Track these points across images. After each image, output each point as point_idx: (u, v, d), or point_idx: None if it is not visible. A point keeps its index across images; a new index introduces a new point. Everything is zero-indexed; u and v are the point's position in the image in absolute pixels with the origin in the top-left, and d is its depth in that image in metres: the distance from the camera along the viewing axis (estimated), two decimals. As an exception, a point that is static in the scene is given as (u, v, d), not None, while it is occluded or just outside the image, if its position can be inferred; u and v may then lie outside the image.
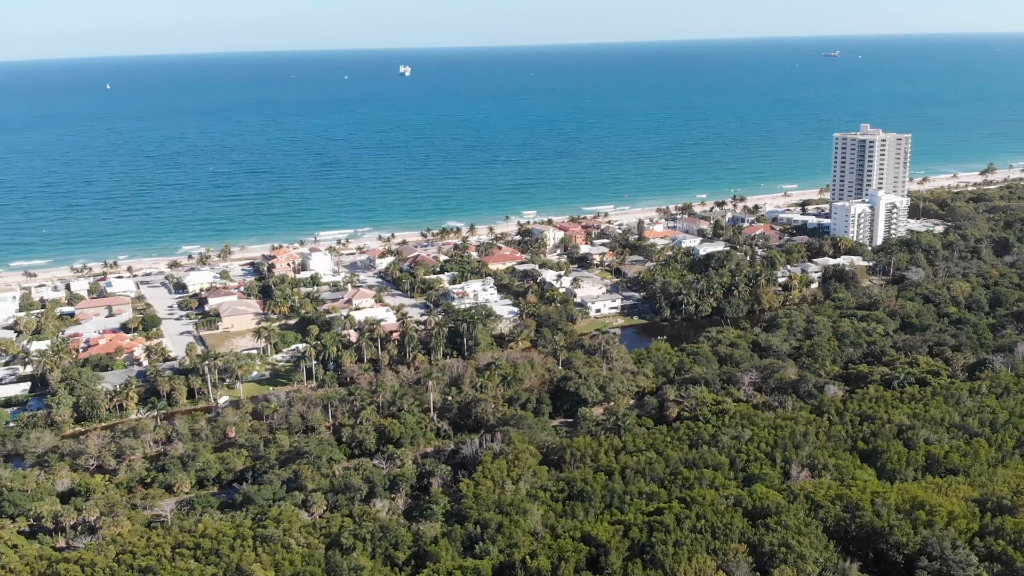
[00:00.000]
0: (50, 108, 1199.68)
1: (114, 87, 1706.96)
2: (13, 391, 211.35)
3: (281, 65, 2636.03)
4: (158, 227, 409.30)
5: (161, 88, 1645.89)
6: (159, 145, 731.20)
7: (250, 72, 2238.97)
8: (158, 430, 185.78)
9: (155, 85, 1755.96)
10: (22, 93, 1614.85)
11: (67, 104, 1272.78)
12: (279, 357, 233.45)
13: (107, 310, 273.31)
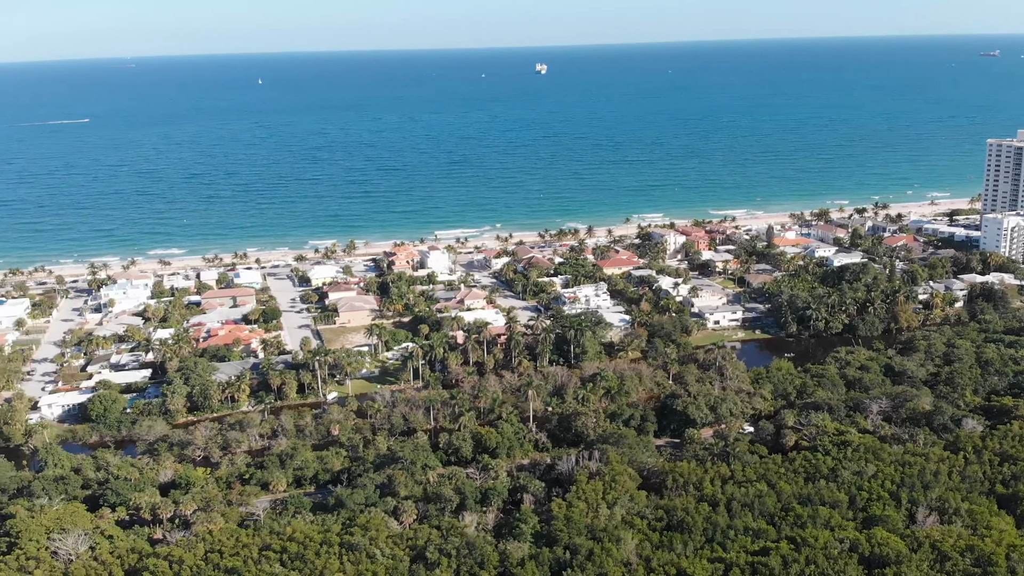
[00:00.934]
0: (208, 101, 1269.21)
1: (265, 82, 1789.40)
2: (134, 377, 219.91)
3: (423, 63, 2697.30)
4: (290, 220, 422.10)
5: (308, 84, 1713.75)
6: (301, 140, 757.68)
7: (393, 70, 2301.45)
8: (264, 424, 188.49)
9: (302, 81, 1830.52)
10: (186, 86, 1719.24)
11: (222, 98, 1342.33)
12: (389, 355, 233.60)
13: (232, 301, 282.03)
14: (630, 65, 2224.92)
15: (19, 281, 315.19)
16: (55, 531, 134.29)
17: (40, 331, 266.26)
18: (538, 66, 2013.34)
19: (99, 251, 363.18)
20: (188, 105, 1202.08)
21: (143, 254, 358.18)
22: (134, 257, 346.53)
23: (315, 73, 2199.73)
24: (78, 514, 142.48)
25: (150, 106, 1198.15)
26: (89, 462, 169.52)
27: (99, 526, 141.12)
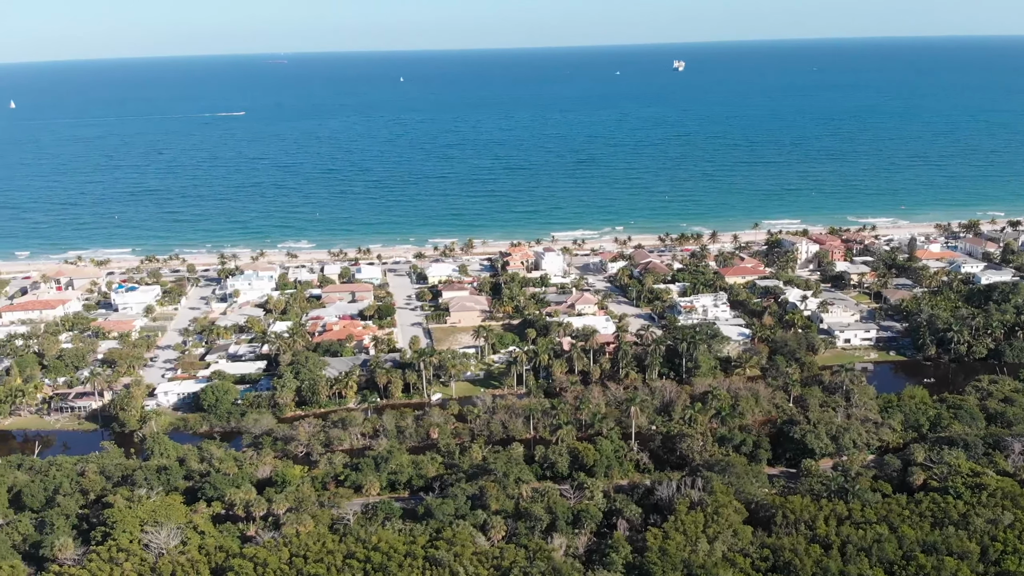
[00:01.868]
0: (351, 97, 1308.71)
1: (406, 80, 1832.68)
2: (249, 369, 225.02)
3: (558, 61, 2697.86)
4: (415, 217, 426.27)
5: (446, 81, 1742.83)
6: (434, 137, 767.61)
7: (530, 68, 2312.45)
8: (367, 423, 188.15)
9: (441, 79, 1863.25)
10: (333, 82, 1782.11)
11: (365, 94, 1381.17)
12: (496, 358, 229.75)
13: (350, 296, 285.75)
14: (773, 62, 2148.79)
15: (154, 268, 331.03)
16: (149, 523, 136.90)
17: (168, 318, 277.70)
18: (675, 63, 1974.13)
19: (232, 241, 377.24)
20: (332, 101, 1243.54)
21: (273, 246, 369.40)
22: (264, 249, 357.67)
23: (454, 71, 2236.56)
24: (174, 507, 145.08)
25: (299, 101, 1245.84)
26: (194, 453, 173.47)
27: (192, 520, 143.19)
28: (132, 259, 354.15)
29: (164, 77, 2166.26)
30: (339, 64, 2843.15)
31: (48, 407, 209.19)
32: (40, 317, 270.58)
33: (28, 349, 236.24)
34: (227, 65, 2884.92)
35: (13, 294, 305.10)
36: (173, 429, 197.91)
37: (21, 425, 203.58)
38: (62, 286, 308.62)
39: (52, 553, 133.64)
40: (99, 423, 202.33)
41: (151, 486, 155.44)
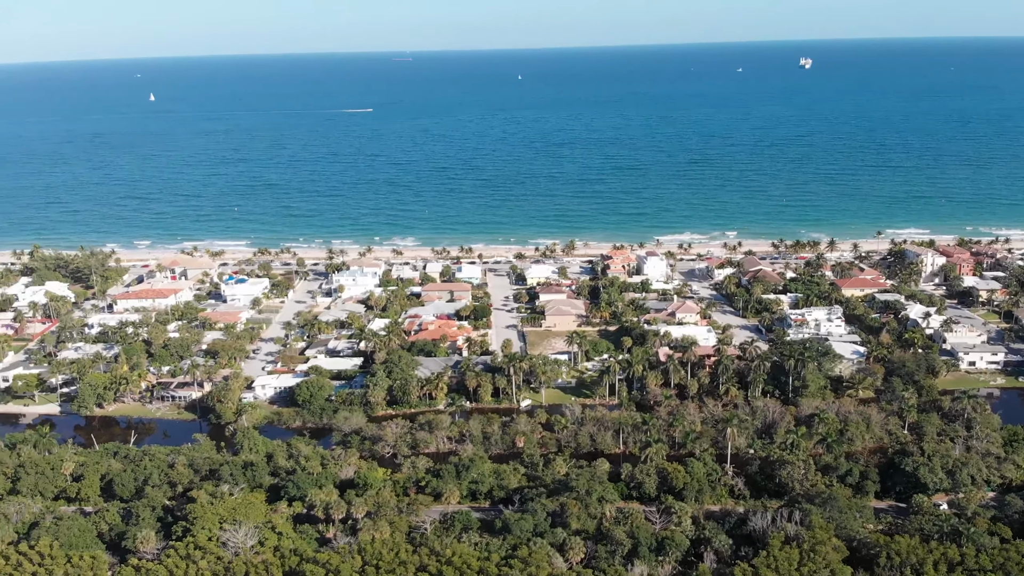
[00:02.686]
0: (470, 95, 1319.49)
1: (524, 78, 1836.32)
2: (345, 365, 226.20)
3: (679, 58, 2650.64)
4: (519, 217, 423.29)
5: (563, 79, 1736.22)
6: (546, 136, 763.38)
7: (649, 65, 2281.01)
8: (453, 427, 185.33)
9: (558, 76, 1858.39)
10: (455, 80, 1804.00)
11: (484, 92, 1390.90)
12: (589, 365, 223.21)
13: (449, 295, 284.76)
14: (908, 61, 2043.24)
15: (265, 261, 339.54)
16: (229, 522, 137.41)
17: (274, 311, 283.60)
18: (802, 60, 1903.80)
19: (342, 237, 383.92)
20: (451, 98, 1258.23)
21: (381, 243, 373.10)
22: (371, 245, 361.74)
23: (573, 68, 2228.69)
24: (254, 506, 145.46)
25: (420, 99, 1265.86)
26: (282, 449, 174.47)
27: (272, 520, 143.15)
28: (246, 251, 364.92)
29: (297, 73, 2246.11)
30: (461, 62, 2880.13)
31: (151, 395, 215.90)
32: (153, 306, 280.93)
33: (137, 337, 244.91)
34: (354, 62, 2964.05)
35: (130, 282, 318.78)
36: (267, 423, 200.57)
37: (125, 412, 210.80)
38: (177, 276, 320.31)
39: (134, 545, 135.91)
40: (197, 413, 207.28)
41: (236, 482, 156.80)
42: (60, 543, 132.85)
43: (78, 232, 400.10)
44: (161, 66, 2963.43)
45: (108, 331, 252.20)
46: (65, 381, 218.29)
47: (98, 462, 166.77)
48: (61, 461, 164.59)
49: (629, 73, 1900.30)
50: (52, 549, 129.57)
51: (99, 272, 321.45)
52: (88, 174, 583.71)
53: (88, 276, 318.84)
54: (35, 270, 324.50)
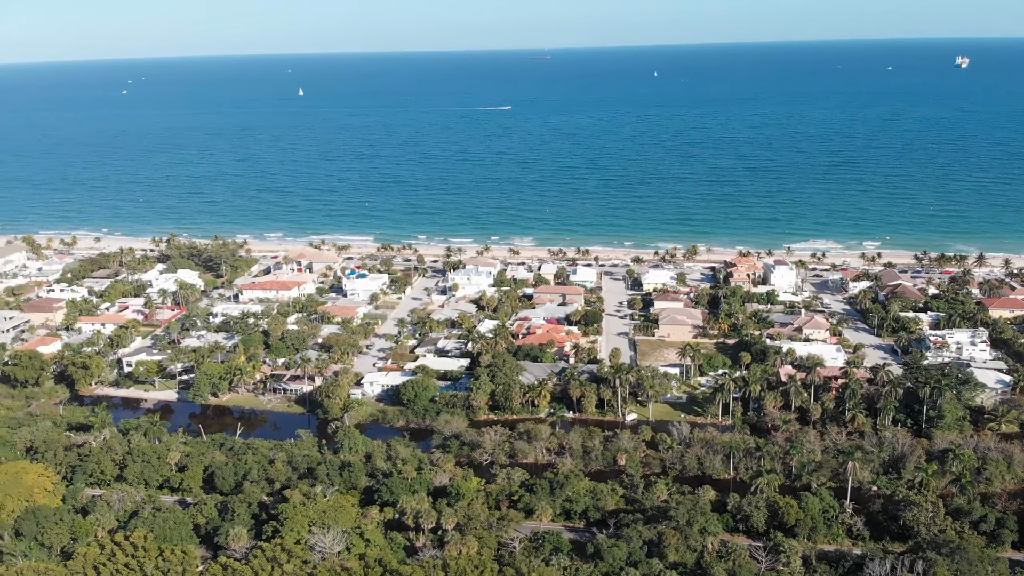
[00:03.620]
0: (604, 92, 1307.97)
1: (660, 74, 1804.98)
2: (452, 365, 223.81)
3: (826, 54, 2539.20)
4: (641, 219, 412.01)
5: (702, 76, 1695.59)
6: (676, 135, 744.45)
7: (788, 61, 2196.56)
8: (552, 439, 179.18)
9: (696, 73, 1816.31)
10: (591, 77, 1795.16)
11: (619, 89, 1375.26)
12: (702, 381, 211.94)
13: (561, 298, 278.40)
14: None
15: (387, 257, 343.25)
16: (318, 524, 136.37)
17: (391, 307, 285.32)
18: (958, 59, 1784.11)
19: (461, 235, 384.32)
20: (584, 96, 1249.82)
21: (498, 242, 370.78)
22: (489, 244, 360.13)
23: (710, 65, 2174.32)
24: (345, 509, 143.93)
25: (554, 96, 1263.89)
26: (381, 450, 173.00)
27: (361, 525, 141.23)
28: (371, 246, 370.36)
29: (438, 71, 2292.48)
30: (597, 59, 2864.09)
31: (264, 387, 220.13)
32: (276, 297, 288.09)
33: (257, 328, 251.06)
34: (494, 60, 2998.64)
35: (257, 273, 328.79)
36: (372, 421, 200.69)
37: (238, 402, 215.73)
38: (302, 268, 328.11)
39: (226, 541, 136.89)
40: (307, 407, 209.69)
41: (331, 482, 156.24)
42: (155, 535, 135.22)
43: (214, 222, 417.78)
44: (310, 62, 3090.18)
45: (230, 321, 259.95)
46: (185, 369, 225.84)
47: (203, 453, 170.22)
48: (168, 450, 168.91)
49: (769, 69, 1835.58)
50: (146, 541, 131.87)
51: (229, 262, 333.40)
52: (231, 166, 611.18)
53: (219, 265, 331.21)
54: (170, 258, 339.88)
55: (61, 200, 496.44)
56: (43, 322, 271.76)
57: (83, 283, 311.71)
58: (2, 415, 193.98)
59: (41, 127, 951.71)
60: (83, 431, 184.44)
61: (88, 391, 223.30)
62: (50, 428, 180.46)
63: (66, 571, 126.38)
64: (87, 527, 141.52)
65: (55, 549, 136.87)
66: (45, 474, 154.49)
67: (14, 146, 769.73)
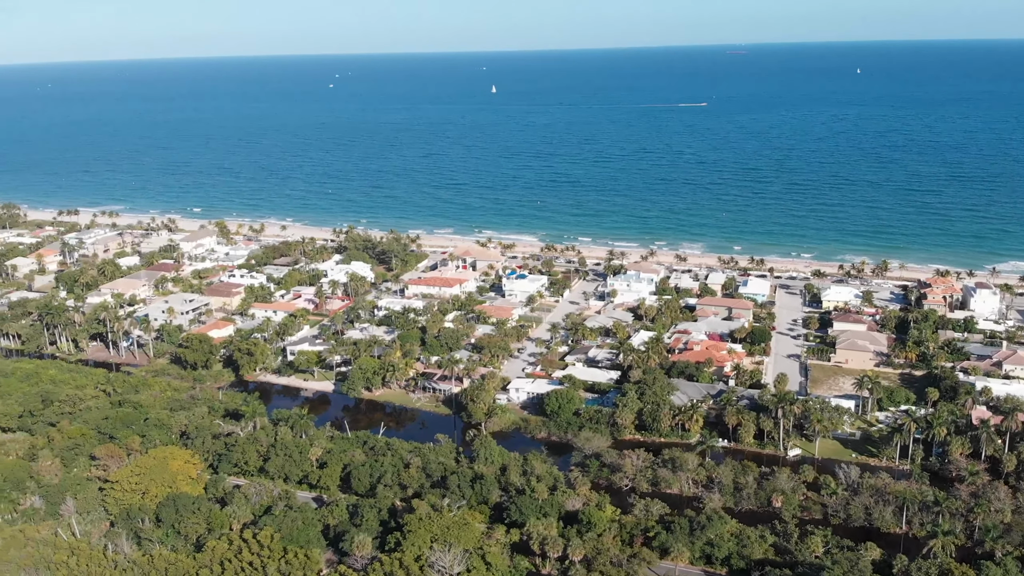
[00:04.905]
0: (798, 89, 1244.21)
1: (864, 71, 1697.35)
2: (601, 377, 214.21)
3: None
4: (826, 227, 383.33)
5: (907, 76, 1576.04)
6: (875, 137, 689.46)
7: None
8: (701, 470, 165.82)
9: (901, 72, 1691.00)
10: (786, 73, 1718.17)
11: (816, 86, 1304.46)
12: (880, 417, 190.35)
13: (726, 311, 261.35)
14: None
15: (550, 257, 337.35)
16: (440, 541, 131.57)
17: (547, 310, 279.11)
18: None
19: (627, 238, 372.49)
20: (778, 93, 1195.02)
21: (664, 247, 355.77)
22: (653, 248, 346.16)
23: (919, 62, 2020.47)
24: (470, 526, 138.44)
25: (752, 92, 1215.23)
26: (517, 464, 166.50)
27: (484, 547, 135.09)
28: (536, 246, 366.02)
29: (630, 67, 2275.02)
30: (794, 55, 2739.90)
31: (415, 384, 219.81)
32: (438, 294, 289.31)
33: (415, 324, 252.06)
34: (691, 55, 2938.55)
35: (425, 268, 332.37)
36: (514, 429, 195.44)
37: (389, 398, 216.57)
38: (467, 265, 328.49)
39: (351, 548, 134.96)
40: (453, 409, 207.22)
41: (462, 494, 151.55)
42: (282, 534, 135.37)
43: (392, 216, 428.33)
44: (504, 59, 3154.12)
45: (392, 315, 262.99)
46: (343, 361, 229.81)
47: (344, 451, 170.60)
48: (310, 445, 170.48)
49: (986, 68, 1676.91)
50: (272, 540, 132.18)
51: (400, 256, 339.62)
52: (416, 161, 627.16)
53: (390, 259, 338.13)
54: (347, 249, 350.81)
55: (255, 188, 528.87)
56: (221, 306, 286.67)
57: (263, 269, 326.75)
58: (167, 396, 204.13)
59: (249, 117, 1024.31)
60: (237, 418, 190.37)
61: (252, 377, 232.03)
62: (204, 414, 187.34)
63: (194, 563, 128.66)
64: (222, 519, 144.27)
65: (191, 539, 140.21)
66: (191, 461, 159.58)
67: (222, 135, 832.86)
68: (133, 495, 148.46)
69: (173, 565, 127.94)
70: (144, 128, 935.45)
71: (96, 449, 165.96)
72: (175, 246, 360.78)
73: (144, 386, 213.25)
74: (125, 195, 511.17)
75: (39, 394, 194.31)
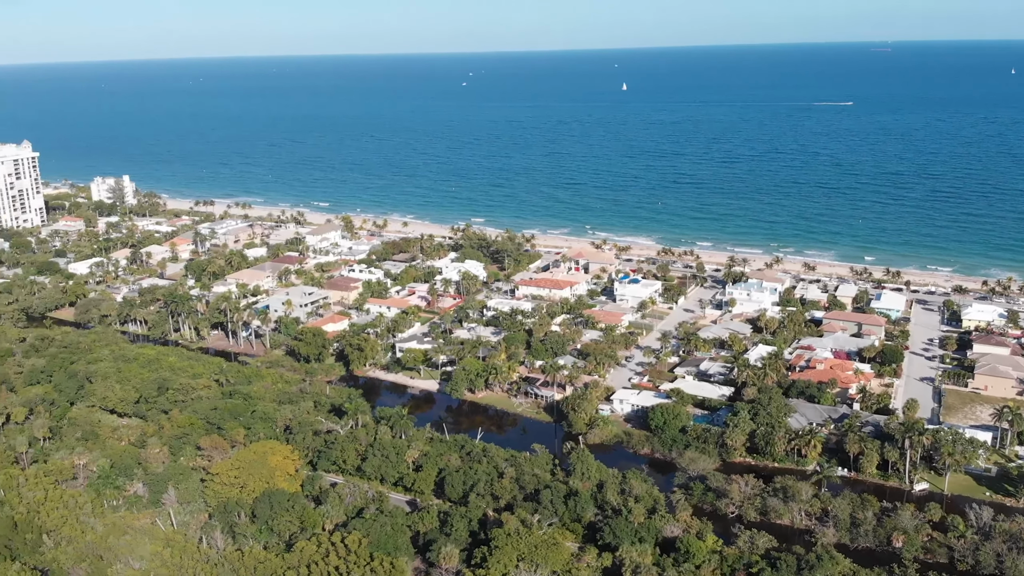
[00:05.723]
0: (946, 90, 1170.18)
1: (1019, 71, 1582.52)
2: (712, 393, 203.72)
3: None
4: (971, 238, 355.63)
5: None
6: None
7: None
8: (816, 501, 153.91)
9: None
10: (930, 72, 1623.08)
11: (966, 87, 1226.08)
12: (1020, 451, 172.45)
13: (855, 327, 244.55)
14: None
15: (666, 262, 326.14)
16: (526, 560, 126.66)
17: (659, 317, 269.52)
18: None
19: (749, 243, 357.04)
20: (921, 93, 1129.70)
21: (791, 254, 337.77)
22: (778, 255, 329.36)
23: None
24: (559, 547, 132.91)
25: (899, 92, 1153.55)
26: (615, 481, 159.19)
27: (572, 570, 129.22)
28: (652, 248, 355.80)
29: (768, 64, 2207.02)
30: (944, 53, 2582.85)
31: (517, 388, 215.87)
32: (548, 296, 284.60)
33: (522, 327, 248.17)
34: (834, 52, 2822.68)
35: (536, 269, 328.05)
36: (616, 442, 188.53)
37: (491, 400, 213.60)
38: (579, 267, 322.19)
39: (438, 559, 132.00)
40: (554, 416, 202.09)
41: (554, 510, 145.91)
42: (369, 540, 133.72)
43: (509, 215, 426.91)
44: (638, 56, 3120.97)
45: (499, 316, 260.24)
46: (448, 360, 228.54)
47: (441, 454, 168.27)
48: (408, 447, 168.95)
49: None
50: (359, 546, 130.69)
51: (513, 255, 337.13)
52: (538, 160, 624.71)
53: (503, 258, 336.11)
54: (462, 247, 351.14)
55: (382, 185, 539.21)
56: (339, 300, 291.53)
57: (382, 265, 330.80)
58: (278, 388, 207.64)
59: (382, 115, 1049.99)
60: (341, 415, 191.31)
61: (361, 372, 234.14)
62: (310, 408, 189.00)
63: (282, 563, 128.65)
64: (315, 518, 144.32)
65: (283, 536, 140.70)
66: (290, 457, 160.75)
67: (355, 132, 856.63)
68: (232, 488, 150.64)
69: (262, 564, 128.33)
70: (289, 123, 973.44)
71: (202, 439, 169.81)
72: (301, 239, 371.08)
73: (257, 377, 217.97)
74: (259, 188, 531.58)
75: (156, 381, 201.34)
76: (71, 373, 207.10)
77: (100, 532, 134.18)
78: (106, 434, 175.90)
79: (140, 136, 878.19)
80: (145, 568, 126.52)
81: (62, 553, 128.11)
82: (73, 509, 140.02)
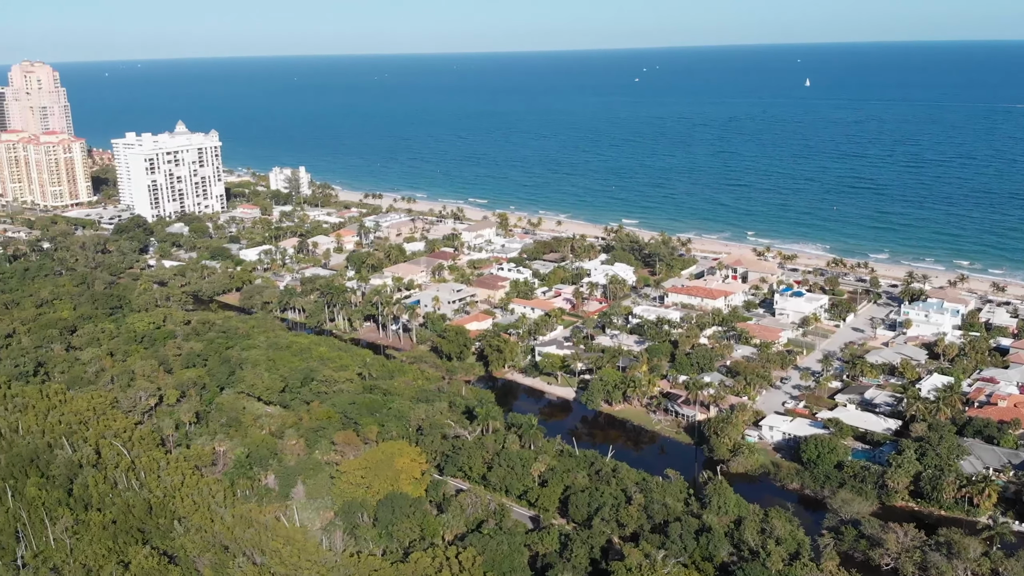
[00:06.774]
0: None
1: None
2: (876, 425, 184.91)
3: None
4: None
5: None
6: None
7: None
8: (985, 560, 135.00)
9: None
10: None
11: None
12: None
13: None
14: None
15: (836, 274, 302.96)
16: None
17: (823, 335, 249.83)
18: None
19: (933, 256, 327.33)
20: None
21: (980, 271, 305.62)
22: (963, 272, 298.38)
23: None
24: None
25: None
26: (755, 519, 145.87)
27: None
28: (822, 258, 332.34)
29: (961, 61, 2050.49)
30: None
31: (657, 404, 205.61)
32: (700, 305, 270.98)
33: (668, 337, 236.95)
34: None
35: (689, 276, 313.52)
36: (762, 473, 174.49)
37: (628, 414, 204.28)
38: (736, 276, 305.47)
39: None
40: (694, 438, 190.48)
41: (683, 546, 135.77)
42: (484, 558, 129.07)
43: (666, 216, 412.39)
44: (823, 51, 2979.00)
45: (645, 324, 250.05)
46: (586, 368, 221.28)
47: (568, 470, 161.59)
48: (534, 460, 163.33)
49: None
50: (473, 564, 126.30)
51: (666, 260, 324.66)
52: (704, 159, 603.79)
53: (655, 262, 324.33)
54: (613, 248, 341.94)
55: (540, 182, 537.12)
56: (485, 298, 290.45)
57: (531, 264, 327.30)
58: (418, 385, 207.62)
59: (549, 111, 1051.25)
60: (473, 418, 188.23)
61: (500, 374, 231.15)
62: (444, 409, 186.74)
63: (396, 573, 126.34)
64: (435, 527, 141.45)
65: (402, 543, 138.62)
66: (417, 459, 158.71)
67: (521, 128, 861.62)
68: (357, 488, 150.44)
69: (376, 572, 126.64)
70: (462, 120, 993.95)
71: (337, 435, 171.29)
72: (457, 235, 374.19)
73: (400, 372, 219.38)
74: (425, 183, 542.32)
75: (303, 371, 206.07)
76: (224, 358, 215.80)
77: (228, 523, 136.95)
78: (248, 421, 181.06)
79: (318, 129, 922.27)
80: (264, 564, 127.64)
81: (190, 541, 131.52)
82: (206, 497, 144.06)
